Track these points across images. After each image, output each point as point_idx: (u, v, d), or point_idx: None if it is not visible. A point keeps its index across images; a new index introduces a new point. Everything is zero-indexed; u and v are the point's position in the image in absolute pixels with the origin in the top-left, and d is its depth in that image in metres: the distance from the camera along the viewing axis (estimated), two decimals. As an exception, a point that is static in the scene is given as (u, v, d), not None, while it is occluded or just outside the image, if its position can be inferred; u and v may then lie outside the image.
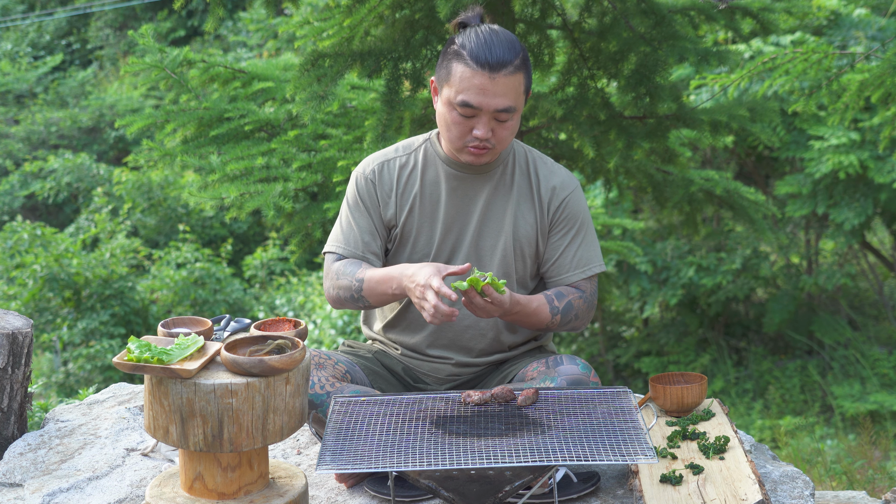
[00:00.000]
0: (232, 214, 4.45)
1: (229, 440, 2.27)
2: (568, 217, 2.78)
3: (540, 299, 2.71)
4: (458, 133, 2.64)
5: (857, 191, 8.12)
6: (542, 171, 2.80)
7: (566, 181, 2.80)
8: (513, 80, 2.59)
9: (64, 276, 9.28)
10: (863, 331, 9.21)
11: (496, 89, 2.57)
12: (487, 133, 2.61)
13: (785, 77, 4.93)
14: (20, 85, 17.08)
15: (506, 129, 2.64)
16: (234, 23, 16.34)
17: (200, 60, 4.76)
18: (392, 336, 2.87)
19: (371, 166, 2.79)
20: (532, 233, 2.77)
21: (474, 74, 2.57)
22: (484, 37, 2.60)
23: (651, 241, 9.23)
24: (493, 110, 2.59)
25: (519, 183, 2.78)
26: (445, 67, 2.64)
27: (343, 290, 2.71)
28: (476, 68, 2.57)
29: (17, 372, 2.98)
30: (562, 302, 2.74)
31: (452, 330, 2.79)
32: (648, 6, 4.13)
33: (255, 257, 11.39)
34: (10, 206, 13.51)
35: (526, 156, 2.82)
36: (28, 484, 2.80)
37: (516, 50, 2.61)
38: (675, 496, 2.46)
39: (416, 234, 2.76)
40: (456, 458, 2.20)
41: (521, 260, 2.78)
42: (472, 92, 2.58)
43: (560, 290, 2.76)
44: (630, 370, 9.45)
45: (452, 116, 2.63)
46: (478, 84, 2.57)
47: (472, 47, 2.58)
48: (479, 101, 2.58)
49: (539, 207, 2.78)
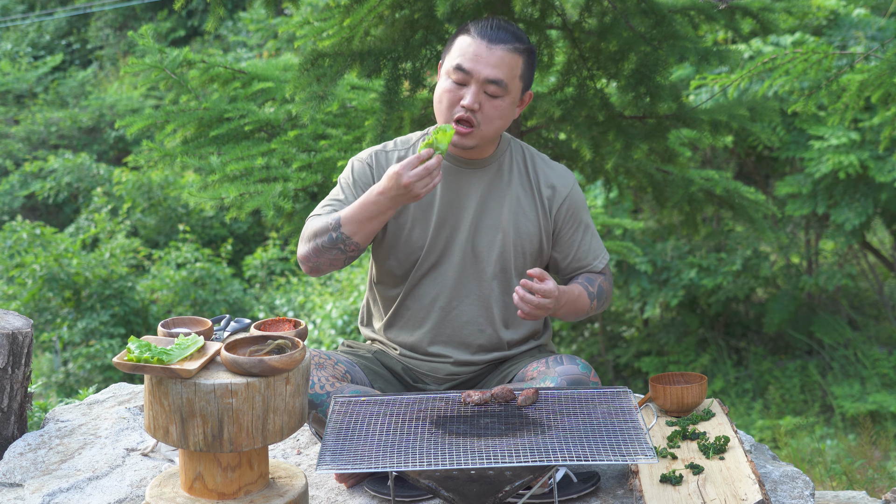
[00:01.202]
0: (232, 214, 4.45)
1: (229, 440, 2.27)
2: (573, 214, 2.82)
3: (578, 287, 2.75)
4: (447, 102, 2.65)
5: (858, 191, 8.12)
6: (540, 169, 2.81)
7: (565, 178, 2.82)
8: (509, 57, 2.63)
9: (64, 276, 9.28)
10: (863, 331, 9.21)
11: (490, 59, 2.62)
12: (474, 103, 2.62)
13: (785, 77, 4.93)
14: (20, 85, 17.08)
15: (494, 108, 2.65)
16: (234, 23, 16.34)
17: (200, 61, 4.76)
18: (391, 335, 2.87)
19: (369, 153, 2.81)
20: (534, 230, 2.78)
21: (472, 42, 2.64)
22: (494, 20, 2.68)
23: (651, 242, 9.23)
24: (483, 79, 2.62)
25: (517, 179, 2.78)
26: (451, 43, 2.70)
27: (320, 235, 2.63)
28: (476, 37, 2.64)
29: (17, 372, 2.98)
30: (594, 286, 2.81)
31: (451, 326, 2.79)
32: (648, 6, 4.12)
33: (255, 257, 11.39)
34: (10, 206, 13.51)
35: (523, 152, 2.83)
36: (28, 484, 2.80)
37: (521, 38, 2.67)
38: (675, 496, 2.46)
39: (411, 227, 2.76)
40: (456, 458, 2.20)
41: (520, 256, 2.78)
42: (466, 57, 2.63)
43: (587, 276, 2.82)
44: (630, 370, 9.46)
45: (445, 86, 2.66)
46: (473, 50, 2.63)
47: (480, 24, 2.67)
48: (470, 65, 2.62)
49: (541, 205, 2.79)
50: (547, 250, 2.82)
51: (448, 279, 2.76)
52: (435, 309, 2.78)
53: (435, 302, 2.77)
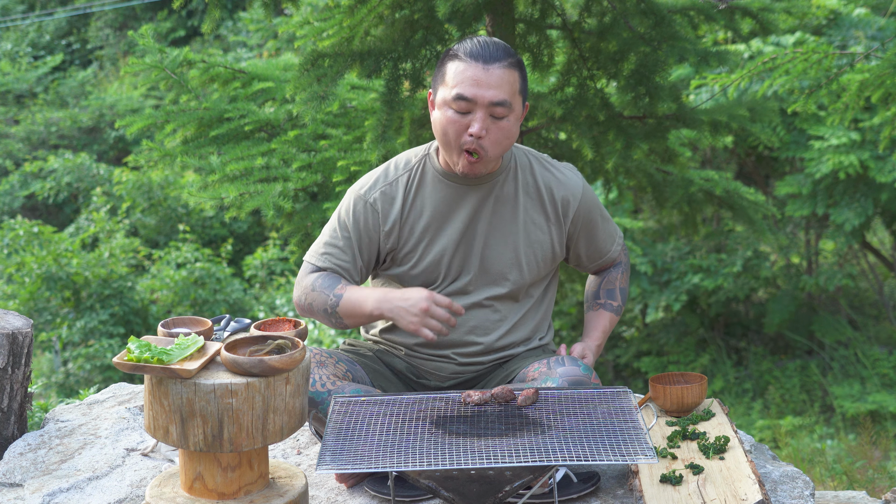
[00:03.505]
0: (232, 214, 4.45)
1: (229, 440, 2.27)
2: (587, 217, 2.82)
3: (602, 313, 2.90)
4: (454, 133, 2.59)
5: (858, 191, 8.12)
6: (546, 177, 2.78)
7: (573, 187, 2.79)
8: (507, 75, 2.58)
9: (63, 276, 9.28)
10: (863, 331, 9.21)
11: (490, 80, 2.56)
12: (482, 130, 2.57)
13: (785, 77, 4.93)
14: (20, 85, 17.08)
15: (500, 130, 2.59)
16: (234, 23, 16.34)
17: (200, 61, 4.76)
18: (392, 338, 2.87)
19: (373, 193, 2.74)
20: (545, 237, 2.77)
21: (468, 67, 2.57)
22: (478, 39, 2.62)
23: (651, 242, 9.22)
24: (487, 103, 2.56)
25: (525, 190, 2.75)
26: (440, 71, 2.63)
27: (317, 303, 2.69)
28: (469, 61, 2.57)
29: (17, 372, 2.98)
30: (615, 297, 2.91)
31: (458, 331, 2.78)
32: (648, 6, 4.12)
33: (255, 257, 11.39)
34: (10, 206, 13.51)
35: (527, 159, 2.80)
36: (28, 484, 2.80)
37: (511, 52, 2.63)
38: (675, 496, 2.46)
39: (423, 252, 2.73)
40: (456, 458, 2.20)
41: (534, 266, 2.78)
42: (466, 84, 2.56)
43: (606, 288, 2.92)
44: (630, 370, 9.46)
45: (447, 117, 2.59)
46: (471, 76, 2.56)
47: (466, 46, 2.60)
48: (473, 92, 2.56)
49: (554, 217, 2.77)
50: (560, 254, 2.83)
51: (458, 291, 2.76)
52: None
53: None
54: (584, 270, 2.97)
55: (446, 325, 2.56)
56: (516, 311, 2.80)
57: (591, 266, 2.93)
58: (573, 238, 2.83)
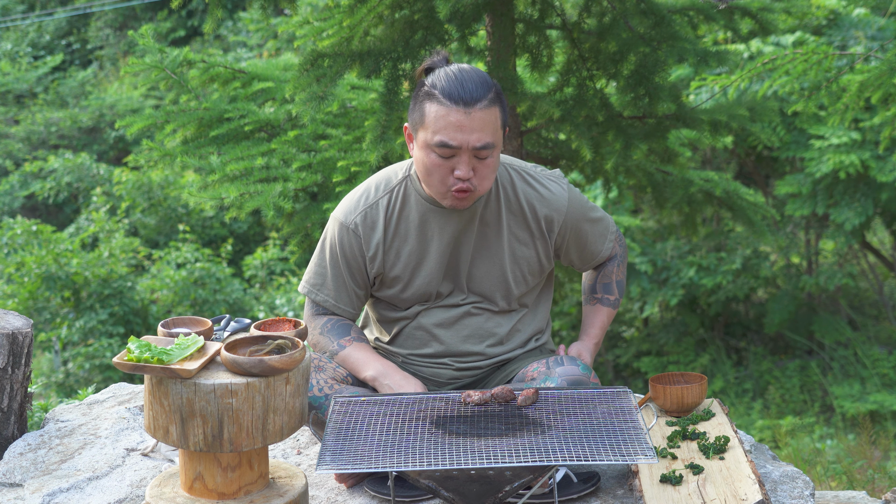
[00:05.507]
0: (232, 214, 4.45)
1: (229, 440, 2.27)
2: (575, 230, 2.79)
3: (599, 308, 2.91)
4: (439, 177, 2.55)
5: (858, 191, 8.12)
6: (530, 197, 2.73)
7: (557, 203, 2.74)
8: (489, 115, 2.51)
9: (62, 276, 9.28)
10: (863, 331, 9.21)
11: (473, 125, 2.49)
12: (469, 173, 2.52)
13: (785, 78, 4.93)
14: (20, 85, 17.07)
15: (487, 167, 2.55)
16: (234, 23, 16.34)
17: (200, 61, 4.77)
18: (388, 347, 2.87)
19: (353, 217, 2.71)
20: (531, 253, 2.76)
21: (449, 112, 2.49)
22: (454, 74, 2.53)
23: (651, 242, 9.23)
24: (472, 148, 2.51)
25: (507, 207, 2.72)
26: (418, 110, 2.55)
27: (320, 346, 2.80)
28: (450, 105, 2.49)
29: (17, 372, 2.98)
30: (611, 291, 2.92)
31: (452, 341, 2.79)
32: (648, 6, 4.13)
33: (255, 257, 11.38)
34: (10, 206, 13.51)
35: (511, 177, 2.73)
36: (28, 484, 2.80)
37: (488, 85, 2.54)
38: (675, 496, 2.46)
39: (411, 277, 2.73)
40: (456, 458, 2.20)
41: (521, 282, 2.77)
42: (448, 130, 2.49)
43: (603, 282, 2.93)
44: (630, 370, 9.46)
45: (431, 160, 2.54)
46: (454, 121, 2.49)
47: (444, 85, 2.51)
48: (457, 138, 2.49)
49: (538, 233, 2.75)
50: (548, 265, 2.82)
51: (451, 309, 2.78)
52: (438, 332, 2.78)
53: (439, 326, 2.78)
54: (581, 270, 2.97)
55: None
56: (510, 320, 2.81)
57: (586, 267, 2.93)
58: (562, 248, 2.81)
